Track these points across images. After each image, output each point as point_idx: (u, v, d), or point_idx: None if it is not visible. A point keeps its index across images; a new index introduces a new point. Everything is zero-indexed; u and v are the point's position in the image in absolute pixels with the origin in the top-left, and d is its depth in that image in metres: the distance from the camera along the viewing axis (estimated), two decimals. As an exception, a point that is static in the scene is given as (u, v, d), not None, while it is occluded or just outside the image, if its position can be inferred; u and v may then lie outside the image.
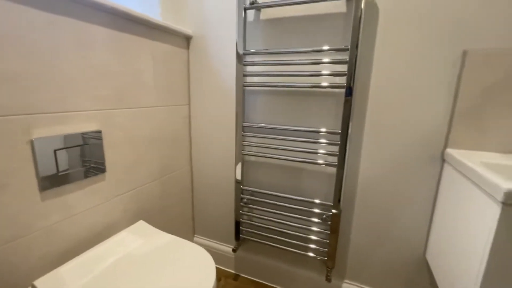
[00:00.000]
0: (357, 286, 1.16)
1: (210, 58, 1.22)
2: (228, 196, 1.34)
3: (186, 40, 1.25)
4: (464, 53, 0.84)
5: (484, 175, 0.63)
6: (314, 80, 1.03)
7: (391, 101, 0.96)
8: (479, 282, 0.62)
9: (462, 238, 0.73)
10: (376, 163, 1.02)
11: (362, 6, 0.86)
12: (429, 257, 0.98)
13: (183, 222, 1.40)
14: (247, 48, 1.12)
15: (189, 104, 1.32)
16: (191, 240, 1.50)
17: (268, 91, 1.13)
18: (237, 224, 1.26)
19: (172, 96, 1.19)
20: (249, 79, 1.15)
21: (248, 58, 1.12)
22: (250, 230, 1.26)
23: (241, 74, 1.09)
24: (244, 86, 1.13)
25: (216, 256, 1.44)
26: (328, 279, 1.11)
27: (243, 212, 1.26)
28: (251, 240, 1.25)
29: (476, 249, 0.64)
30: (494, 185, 0.58)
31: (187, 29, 1.21)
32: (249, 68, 1.13)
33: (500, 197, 0.56)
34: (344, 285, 1.18)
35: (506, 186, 0.55)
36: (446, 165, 0.90)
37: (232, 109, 1.22)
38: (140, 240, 0.89)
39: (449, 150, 0.88)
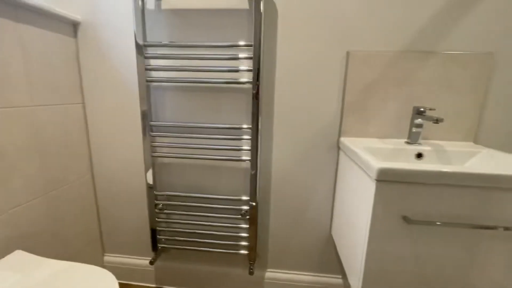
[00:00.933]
0: (279, 272, 1.22)
1: (106, 50, 1.06)
2: (140, 204, 1.21)
3: (73, 26, 1.05)
4: (348, 54, 0.97)
5: (363, 157, 0.74)
6: (223, 75, 1.02)
7: (294, 97, 1.03)
8: (365, 249, 0.72)
9: (352, 213, 0.84)
10: (286, 155, 1.09)
11: (262, 4, 0.89)
12: (333, 233, 1.10)
13: (87, 241, 1.19)
14: (149, 40, 1.02)
15: (83, 103, 1.12)
16: (101, 260, 1.29)
17: (177, 87, 1.06)
18: (153, 233, 1.15)
19: (57, 93, 0.99)
20: (154, 74, 1.05)
21: (151, 51, 1.02)
22: (169, 237, 1.17)
23: (143, 68, 0.99)
24: (149, 81, 1.03)
25: (132, 272, 1.29)
26: (251, 272, 1.13)
27: (159, 220, 1.15)
28: (171, 247, 1.17)
29: (362, 221, 0.75)
30: (370, 165, 0.68)
31: (72, 14, 1.01)
32: (153, 62, 1.03)
33: (374, 174, 0.66)
34: (267, 274, 1.23)
35: (378, 165, 0.66)
36: (341, 152, 1.03)
37: (137, 108, 1.10)
38: (16, 276, 0.70)
39: (342, 139, 1.01)
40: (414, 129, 0.93)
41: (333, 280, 1.19)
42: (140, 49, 0.97)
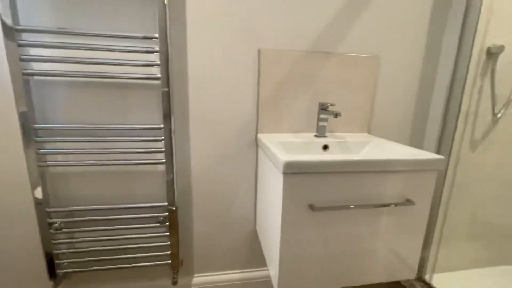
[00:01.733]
0: (207, 275, 1.18)
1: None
2: (28, 226, 0.98)
3: None
4: (259, 51, 0.99)
5: (273, 152, 0.76)
6: (129, 70, 0.91)
7: (209, 94, 1.00)
8: (278, 239, 0.75)
9: (269, 205, 0.87)
10: (205, 154, 1.05)
11: (165, -7, 0.82)
12: (257, 228, 1.13)
13: None
14: (22, 23, 0.83)
15: None
16: (-26, 304, 1.01)
17: (71, 82, 0.90)
18: (50, 258, 0.96)
19: None
20: (36, 66, 0.86)
21: (29, 37, 0.83)
22: (73, 260, 0.99)
23: (18, 58, 0.80)
24: (27, 74, 0.83)
25: (25, 310, 1.05)
26: (174, 282, 1.06)
27: (57, 241, 0.97)
28: (77, 271, 0.99)
29: (276, 212, 0.77)
30: (278, 159, 0.71)
31: None
32: (33, 51, 0.85)
33: (281, 168, 0.69)
34: (194, 280, 1.17)
35: (284, 158, 0.68)
36: (259, 149, 1.05)
37: (12, 108, 0.88)
38: None
39: (259, 135, 1.03)
40: (320, 123, 1.02)
41: (261, 273, 1.22)
42: (11, 33, 0.78)
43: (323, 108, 1.00)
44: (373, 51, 1.07)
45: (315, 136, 1.04)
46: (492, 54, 1.08)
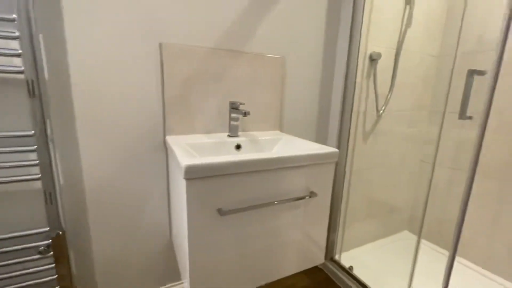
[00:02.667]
0: (115, 303, 1.02)
1: None
2: None
3: None
4: (160, 46, 0.90)
5: (176, 154, 0.70)
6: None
7: (104, 93, 0.85)
8: (187, 247, 0.69)
9: (178, 213, 0.80)
10: (102, 162, 0.90)
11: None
12: (172, 239, 1.03)
13: None
14: None
15: None
16: None
17: None
18: None
19: None
20: None
21: None
22: None
23: None
24: None
25: None
26: (68, 321, 0.87)
27: None
28: None
29: (183, 219, 0.71)
30: (179, 163, 0.64)
31: None
32: None
33: (183, 172, 0.63)
34: (99, 311, 0.99)
35: (184, 163, 0.62)
36: (168, 152, 0.96)
37: None
38: None
39: (167, 138, 0.94)
40: (232, 123, 1.00)
41: (178, 287, 1.13)
42: None
43: (234, 107, 0.98)
44: (279, 52, 1.12)
45: (228, 136, 1.02)
46: (373, 60, 1.27)
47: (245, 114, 0.90)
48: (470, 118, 0.80)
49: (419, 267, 1.32)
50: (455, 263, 1.53)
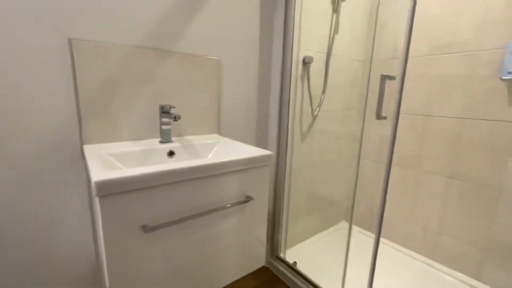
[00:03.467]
0: None
1: None
2: None
3: None
4: (70, 42, 0.78)
5: (89, 167, 0.61)
6: None
7: (-9, 95, 0.70)
8: (106, 269, 0.61)
9: (98, 233, 0.70)
10: (-4, 181, 0.73)
11: None
12: (98, 260, 0.91)
13: None
14: None
15: None
16: None
17: None
18: None
19: None
20: None
21: None
22: None
23: None
24: None
25: None
26: None
27: None
28: None
29: (102, 242, 0.62)
30: (90, 178, 0.56)
31: None
32: None
33: (94, 189, 0.54)
34: None
35: (95, 178, 0.54)
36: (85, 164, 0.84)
37: None
38: None
39: (85, 147, 0.82)
40: (163, 127, 0.93)
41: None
42: None
43: (164, 111, 0.91)
44: (214, 53, 1.09)
45: (160, 142, 0.94)
46: (306, 63, 1.33)
47: (176, 118, 0.84)
48: (385, 118, 0.89)
49: (353, 253, 1.45)
50: (381, 245, 1.71)
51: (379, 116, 0.88)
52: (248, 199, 0.82)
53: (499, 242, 1.26)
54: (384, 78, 0.86)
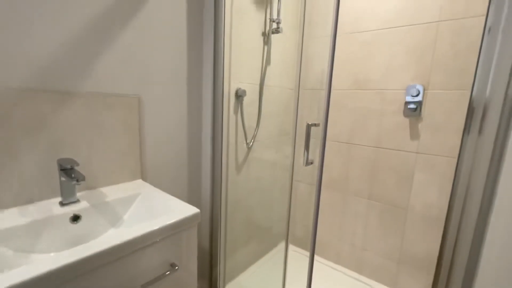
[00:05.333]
0: None
1: None
2: None
3: None
4: None
5: None
6: None
7: None
8: None
9: None
10: None
11: None
12: None
13: None
14: None
15: None
16: None
17: None
18: None
19: None
20: None
21: None
22: None
23: None
24: None
25: None
26: None
27: None
28: None
29: None
30: None
31: None
32: None
33: None
34: None
35: None
36: None
37: None
38: None
39: None
40: (65, 186, 0.76)
41: None
42: None
43: (64, 168, 0.75)
44: (133, 90, 0.96)
45: (61, 203, 0.77)
46: (239, 96, 1.31)
47: (79, 180, 0.69)
48: (311, 163, 0.92)
49: (291, 272, 1.48)
50: (316, 263, 1.81)
51: (307, 163, 0.90)
52: (173, 267, 0.73)
53: (409, 254, 1.45)
54: (309, 126, 0.89)
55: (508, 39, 0.65)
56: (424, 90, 1.31)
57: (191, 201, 1.26)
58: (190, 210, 0.78)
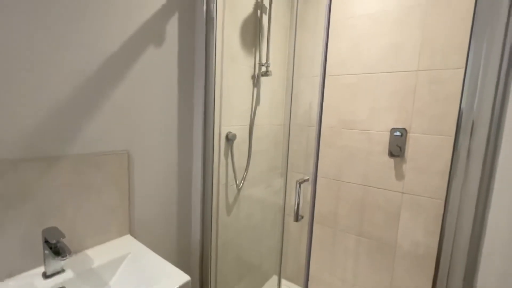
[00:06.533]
0: None
1: None
2: None
3: None
4: None
5: None
6: None
7: None
8: None
9: None
10: None
11: None
12: None
13: None
14: None
15: None
16: None
17: None
18: None
19: None
20: None
21: None
22: None
23: None
24: None
25: None
26: None
27: None
28: None
29: None
30: None
31: None
32: None
33: None
34: None
35: None
36: None
37: None
38: None
39: None
40: (49, 259, 0.74)
41: None
42: None
43: (48, 240, 0.73)
44: (122, 146, 0.95)
45: (45, 275, 0.74)
46: (229, 140, 1.32)
47: (64, 256, 0.67)
48: (302, 217, 0.94)
49: None
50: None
51: (297, 219, 0.91)
52: None
53: (398, 291, 1.47)
54: (299, 183, 0.90)
55: (486, 92, 0.69)
56: (406, 133, 1.37)
57: (180, 249, 1.24)
58: (180, 278, 0.76)
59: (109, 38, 0.87)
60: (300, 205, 0.90)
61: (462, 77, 0.73)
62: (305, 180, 0.91)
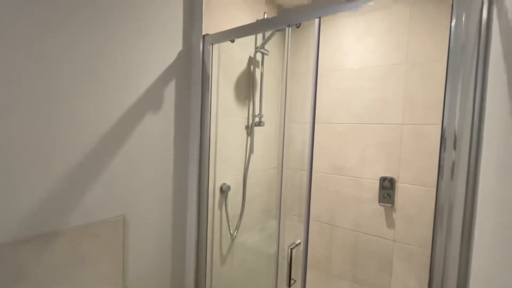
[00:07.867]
0: None
1: None
2: None
3: None
4: None
5: None
6: None
7: None
8: None
9: None
10: None
11: None
12: None
13: None
14: None
15: None
16: None
17: None
18: None
19: None
20: None
21: None
22: None
23: None
24: None
25: None
26: None
27: None
28: None
29: None
30: None
31: None
32: None
33: None
34: None
35: None
36: None
37: None
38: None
39: None
40: None
41: None
42: None
43: (42, 323, 0.73)
44: (117, 212, 0.97)
45: None
46: (223, 191, 1.35)
47: None
48: (294, 281, 0.95)
49: None
50: None
51: (289, 284, 0.93)
52: None
53: None
54: (291, 248, 0.93)
55: (463, 147, 0.73)
56: (395, 182, 1.42)
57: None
58: None
59: (107, 112, 0.92)
60: (292, 270, 0.92)
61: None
62: (296, 245, 0.94)
